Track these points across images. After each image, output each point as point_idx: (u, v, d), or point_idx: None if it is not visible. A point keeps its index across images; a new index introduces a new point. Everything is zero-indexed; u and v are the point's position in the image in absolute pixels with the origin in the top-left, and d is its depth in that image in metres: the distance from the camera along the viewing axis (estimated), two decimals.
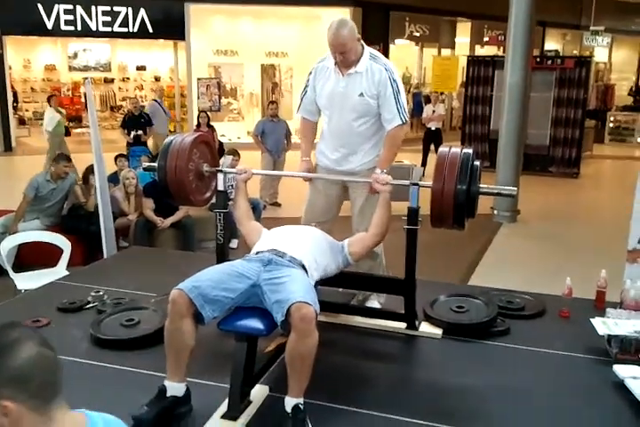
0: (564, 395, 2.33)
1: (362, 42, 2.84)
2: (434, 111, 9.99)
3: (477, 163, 2.47)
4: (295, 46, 13.09)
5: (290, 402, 2.04)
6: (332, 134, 3.03)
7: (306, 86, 3.06)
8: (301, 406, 2.04)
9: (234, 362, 2.14)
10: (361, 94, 2.85)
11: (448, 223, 2.46)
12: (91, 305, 3.07)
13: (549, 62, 10.35)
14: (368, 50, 2.87)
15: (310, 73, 3.03)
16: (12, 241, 4.43)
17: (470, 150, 2.48)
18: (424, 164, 9.49)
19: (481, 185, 2.50)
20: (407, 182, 2.61)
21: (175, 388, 2.14)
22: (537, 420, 2.17)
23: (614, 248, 3.83)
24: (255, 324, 2.14)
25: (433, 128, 9.98)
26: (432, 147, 9.79)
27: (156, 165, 2.78)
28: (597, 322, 2.63)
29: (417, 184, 2.59)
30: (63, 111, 10.25)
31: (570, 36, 19.15)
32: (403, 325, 2.85)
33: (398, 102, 2.85)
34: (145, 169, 3.07)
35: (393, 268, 2.96)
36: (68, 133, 10.73)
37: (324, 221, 3.08)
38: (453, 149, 2.49)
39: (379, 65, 2.84)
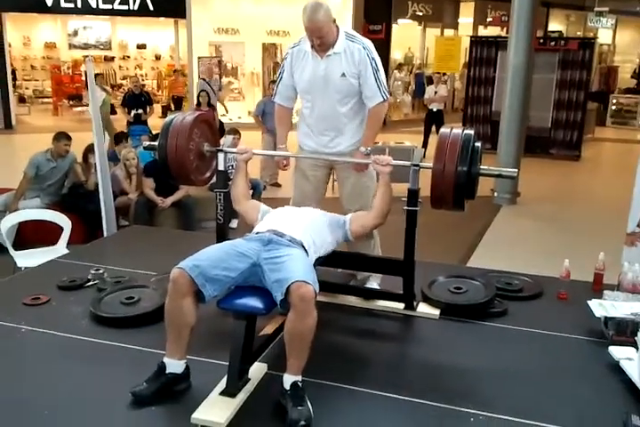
0: (560, 375, 2.35)
1: (336, 23, 2.82)
2: (436, 92, 9.93)
3: (478, 144, 2.46)
4: (297, 25, 12.85)
5: (288, 379, 2.06)
6: (316, 118, 3.00)
7: (281, 72, 3.03)
8: (300, 384, 2.06)
9: (233, 340, 2.15)
10: (342, 75, 2.85)
11: (448, 205, 2.46)
12: (91, 283, 3.08)
13: (553, 44, 10.26)
14: (343, 30, 2.86)
15: (285, 58, 3.01)
16: (13, 219, 4.42)
17: (471, 131, 2.47)
18: (425, 145, 9.45)
19: (481, 166, 2.49)
20: (408, 163, 2.61)
21: (174, 365, 2.16)
22: (532, 399, 2.19)
23: (613, 231, 3.84)
24: (254, 302, 2.15)
25: (434, 109, 9.94)
26: (433, 128, 9.74)
27: (156, 144, 2.77)
28: (594, 304, 2.65)
29: (417, 165, 2.59)
30: (109, 89, 10.05)
31: (574, 18, 18.94)
32: (401, 305, 2.87)
33: (378, 80, 2.86)
34: (145, 148, 3.07)
35: (392, 249, 2.96)
36: (113, 112, 10.46)
37: (314, 202, 3.09)
38: (455, 130, 2.48)
39: (356, 44, 2.83)
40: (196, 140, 2.78)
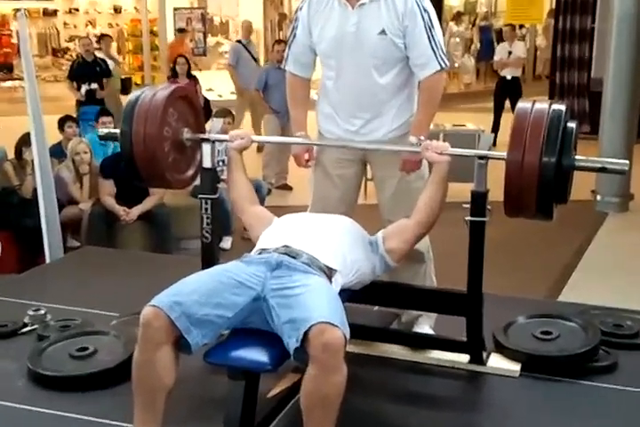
0: None
1: None
2: (510, 53, 9.96)
3: (572, 125, 2.47)
4: None
5: None
6: (344, 94, 3.02)
7: (294, 28, 3.05)
8: None
9: (227, 408, 2.18)
10: (382, 32, 2.86)
11: (529, 211, 2.46)
12: (28, 328, 3.11)
13: None
14: None
15: (300, 8, 3.02)
16: None
17: (562, 107, 2.48)
18: (496, 128, 9.46)
19: (577, 157, 2.49)
20: (472, 153, 2.62)
21: None
22: None
23: None
24: (257, 355, 2.17)
25: (508, 77, 9.99)
26: (507, 104, 9.74)
27: (117, 131, 2.81)
28: None
29: (485, 157, 2.59)
30: (117, 57, 10.04)
31: None
32: (465, 357, 2.87)
33: (433, 40, 2.87)
34: (102, 137, 3.10)
35: (450, 278, 2.97)
36: (125, 91, 10.35)
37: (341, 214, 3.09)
38: (538, 104, 2.49)
39: None
40: (173, 124, 2.81)
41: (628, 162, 2.63)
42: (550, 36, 12.51)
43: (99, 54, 9.39)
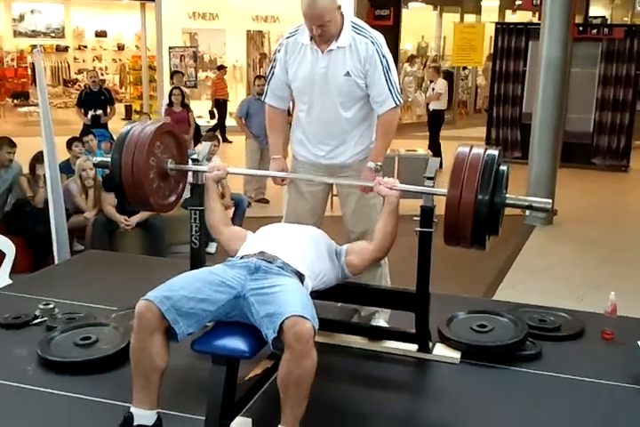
0: None
1: (342, 10, 2.84)
2: (433, 89, 10.07)
3: (504, 168, 2.48)
4: (288, 9, 13.08)
5: None
6: (314, 124, 3.03)
7: (273, 67, 3.04)
8: None
9: (210, 390, 2.17)
10: (347, 74, 2.87)
11: (466, 241, 2.47)
12: (39, 320, 3.08)
13: (594, 32, 10.36)
14: (349, 19, 2.88)
15: (278, 50, 3.01)
16: None
17: (496, 152, 2.48)
18: (437, 153, 9.46)
19: (508, 195, 2.50)
20: (418, 189, 2.62)
21: (144, 416, 2.17)
22: None
23: None
24: (237, 344, 2.17)
25: (431, 109, 10.11)
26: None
27: (108, 160, 2.78)
28: None
29: (432, 178, 2.61)
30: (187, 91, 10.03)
31: (619, 1, 19.19)
32: (414, 347, 2.88)
33: (390, 81, 2.87)
34: (96, 165, 3.07)
35: (403, 279, 2.98)
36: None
37: (311, 224, 3.09)
38: (475, 149, 2.50)
39: (364, 37, 2.85)
40: (159, 155, 2.79)
41: (550, 201, 2.68)
42: (489, 76, 12.64)
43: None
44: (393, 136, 3.07)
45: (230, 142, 11.33)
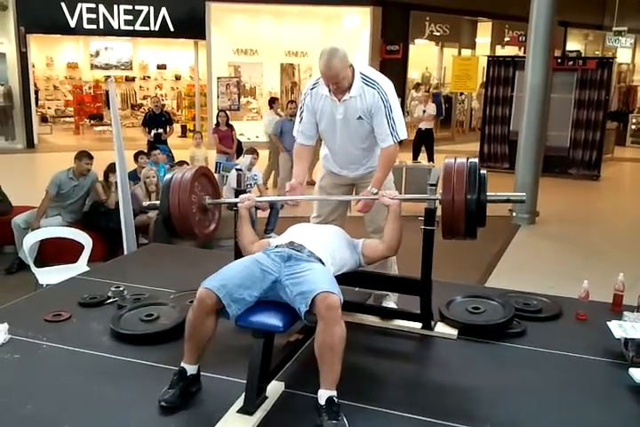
0: (579, 398, 2.33)
1: (352, 65, 2.84)
2: (424, 111, 9.96)
3: (484, 172, 2.49)
4: (315, 46, 13.12)
5: (323, 394, 2.07)
6: (337, 154, 3.11)
7: (302, 111, 3.05)
8: (335, 399, 2.06)
9: (251, 358, 2.18)
10: (359, 117, 2.91)
11: (460, 234, 2.46)
12: (111, 300, 3.12)
13: (571, 63, 10.27)
14: (358, 71, 2.88)
15: (304, 99, 3.03)
16: (35, 236, 4.51)
17: (475, 160, 2.50)
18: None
19: (489, 193, 2.49)
20: (417, 197, 2.66)
21: (192, 368, 2.25)
22: (550, 422, 2.17)
23: (633, 252, 3.82)
24: (272, 321, 2.18)
25: (423, 128, 9.98)
26: (424, 148, 9.88)
27: (157, 202, 2.78)
28: (614, 325, 2.63)
29: (435, 185, 2.61)
30: (283, 115, 10.01)
31: (592, 37, 18.94)
32: (418, 325, 2.88)
33: (390, 122, 2.88)
34: (146, 208, 3.06)
35: (409, 268, 2.98)
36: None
37: (333, 219, 3.20)
38: (459, 159, 2.50)
39: (371, 88, 2.85)
40: (198, 193, 2.79)
41: (524, 194, 2.72)
42: (482, 100, 12.56)
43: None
44: (391, 167, 3.12)
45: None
